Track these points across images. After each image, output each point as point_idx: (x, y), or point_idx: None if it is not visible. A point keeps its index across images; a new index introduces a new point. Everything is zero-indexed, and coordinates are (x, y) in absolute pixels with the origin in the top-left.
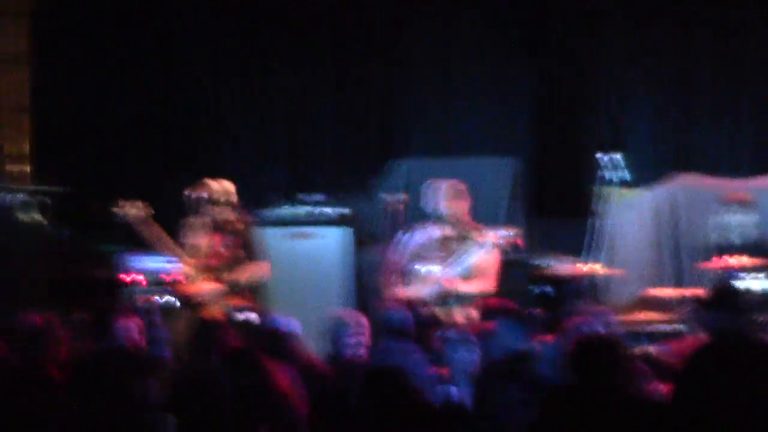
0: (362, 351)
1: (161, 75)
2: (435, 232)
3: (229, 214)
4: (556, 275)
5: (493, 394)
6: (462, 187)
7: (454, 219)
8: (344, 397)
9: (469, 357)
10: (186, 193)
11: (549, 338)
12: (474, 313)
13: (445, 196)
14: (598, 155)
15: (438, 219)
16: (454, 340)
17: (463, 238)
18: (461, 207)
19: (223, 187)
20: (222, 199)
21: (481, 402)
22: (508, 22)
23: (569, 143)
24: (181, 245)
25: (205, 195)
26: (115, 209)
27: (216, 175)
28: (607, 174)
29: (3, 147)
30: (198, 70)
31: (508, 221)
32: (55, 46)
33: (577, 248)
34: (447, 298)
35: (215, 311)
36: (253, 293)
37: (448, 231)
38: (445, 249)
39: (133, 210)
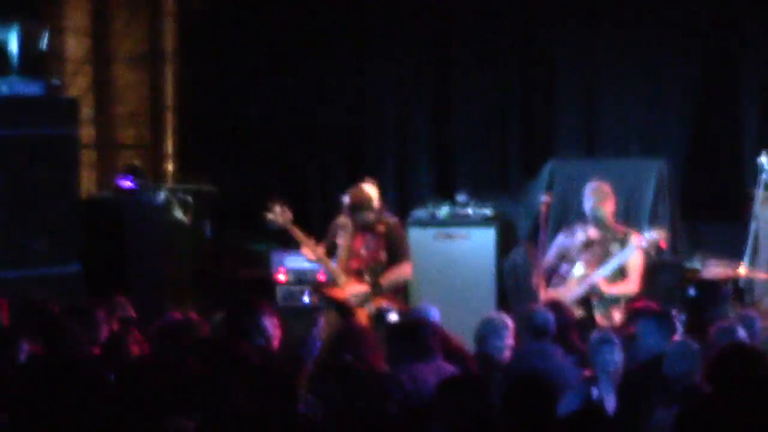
0: (508, 353)
1: (308, 74)
2: (579, 234)
3: (372, 217)
4: (703, 278)
5: (635, 397)
6: (607, 188)
7: (599, 220)
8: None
9: (611, 358)
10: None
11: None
12: (618, 315)
13: (590, 197)
14: (761, 158)
15: (585, 220)
16: (597, 341)
17: (608, 240)
18: (606, 208)
19: (365, 192)
20: (365, 203)
21: (623, 405)
22: (661, 20)
23: (724, 144)
24: (328, 246)
25: (347, 200)
26: (265, 214)
27: (362, 176)
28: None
29: (148, 146)
30: (345, 70)
31: (654, 223)
32: (201, 44)
33: (728, 251)
34: (591, 299)
35: (358, 312)
36: (396, 294)
37: (593, 233)
38: (590, 251)
39: (279, 217)
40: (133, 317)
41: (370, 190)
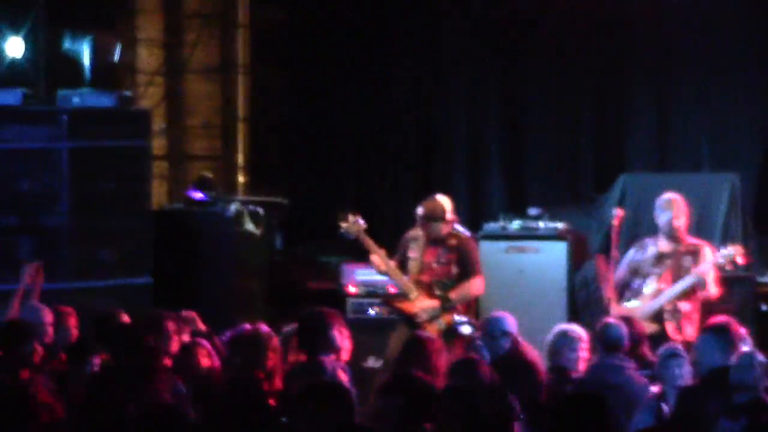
0: (582, 365)
1: (380, 87)
2: (651, 248)
3: (444, 229)
4: None
5: (693, 411)
6: (680, 201)
7: (671, 234)
8: None
9: (679, 373)
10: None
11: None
12: (690, 329)
13: (663, 210)
14: None
15: (656, 234)
16: (665, 356)
17: (680, 254)
18: (679, 221)
19: (439, 203)
20: (438, 214)
21: (682, 420)
22: (733, 34)
23: None
24: (399, 259)
25: (421, 211)
26: (338, 224)
27: (432, 190)
28: None
29: (220, 158)
30: (417, 83)
31: (726, 237)
32: (273, 56)
33: None
34: (663, 313)
35: (429, 327)
36: (467, 309)
37: (665, 246)
38: (661, 265)
39: (353, 227)
40: (204, 330)
41: (444, 201)
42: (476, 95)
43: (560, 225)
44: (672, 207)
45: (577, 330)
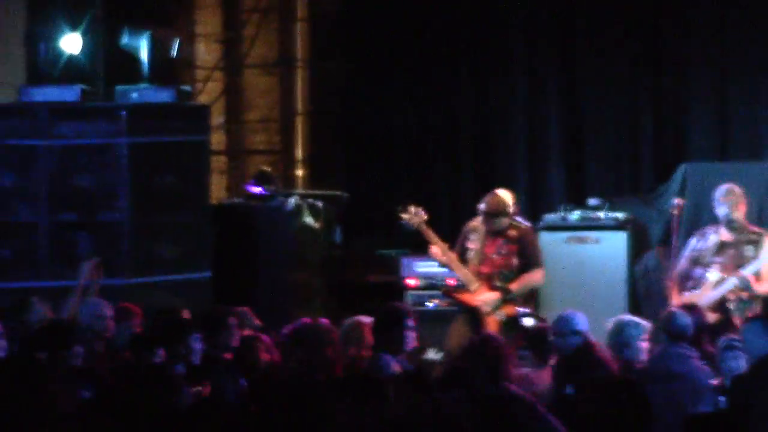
0: (644, 355)
1: (440, 80)
2: (712, 237)
3: (506, 223)
4: None
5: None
6: (738, 190)
7: (731, 223)
8: None
9: (737, 365)
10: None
11: None
12: None
13: (721, 201)
14: None
15: (717, 223)
16: (722, 348)
17: (741, 243)
18: (739, 211)
19: (501, 198)
20: (501, 210)
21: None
22: None
23: None
24: (459, 251)
25: (483, 207)
26: (400, 215)
27: (493, 183)
28: None
29: (279, 152)
30: (477, 75)
31: None
32: (332, 49)
33: None
34: (728, 303)
35: (489, 319)
36: (527, 300)
37: (726, 236)
38: (723, 254)
39: (414, 218)
40: (261, 325)
41: (506, 196)
42: (535, 87)
43: (620, 215)
44: (730, 199)
45: (639, 320)
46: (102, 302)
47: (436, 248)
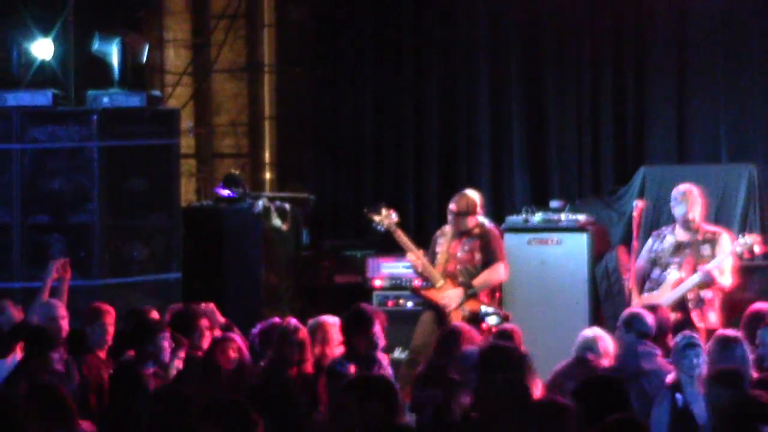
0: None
1: (404, 84)
2: (669, 237)
3: (471, 223)
4: None
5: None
6: (696, 190)
7: (688, 224)
8: None
9: (697, 362)
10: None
11: None
12: (714, 316)
13: (679, 201)
14: None
15: (674, 224)
16: (682, 345)
17: (698, 243)
18: (696, 211)
19: (470, 198)
20: (470, 209)
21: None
22: (748, 26)
23: None
24: (429, 256)
25: (453, 207)
26: (371, 216)
27: (457, 184)
28: None
29: (247, 156)
30: (441, 80)
31: (745, 227)
32: (298, 55)
33: None
34: (686, 302)
35: (453, 314)
36: (491, 298)
37: (682, 236)
38: (680, 254)
39: (385, 220)
40: (225, 323)
41: (475, 196)
42: (498, 92)
43: (581, 217)
44: (687, 199)
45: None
46: (55, 303)
47: (412, 255)
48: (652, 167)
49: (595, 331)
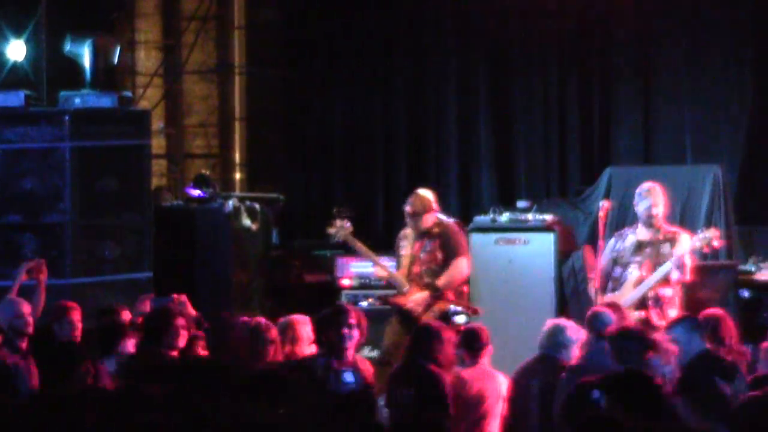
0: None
1: (373, 85)
2: (630, 236)
3: (429, 222)
4: (757, 281)
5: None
6: (660, 189)
7: (650, 221)
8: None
9: (658, 361)
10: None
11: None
12: (673, 313)
13: (644, 198)
14: None
15: (635, 222)
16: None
17: (658, 242)
18: (659, 209)
19: (422, 197)
20: (424, 208)
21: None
22: (714, 27)
23: None
24: (396, 256)
25: (408, 208)
26: (327, 229)
27: (426, 184)
28: None
29: (217, 156)
30: (408, 81)
31: (710, 227)
32: (268, 56)
33: None
34: (646, 301)
35: (423, 317)
36: (459, 296)
37: (643, 235)
38: (641, 253)
39: (340, 231)
40: (196, 316)
41: (427, 194)
42: (465, 93)
43: (548, 217)
44: (651, 195)
45: (571, 323)
46: (19, 301)
47: (377, 268)
48: (618, 168)
49: (559, 322)
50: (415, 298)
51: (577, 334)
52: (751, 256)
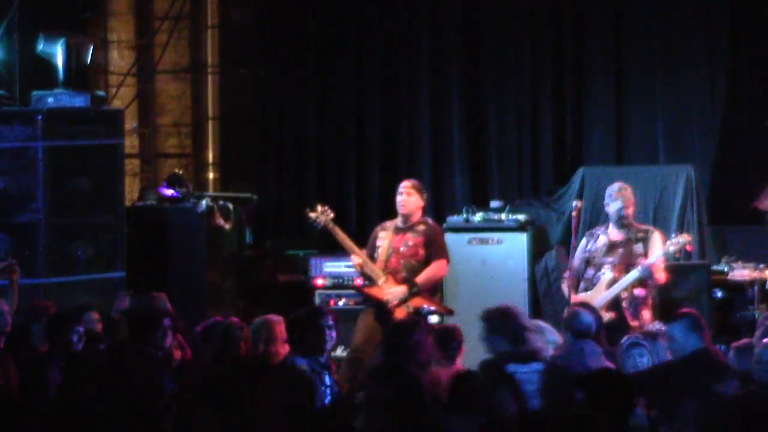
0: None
1: (346, 84)
2: (602, 237)
3: (416, 217)
4: (730, 281)
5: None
6: (628, 191)
7: (622, 219)
8: None
9: (642, 362)
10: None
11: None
12: (648, 314)
13: (615, 198)
14: None
15: (606, 222)
16: (627, 345)
17: (630, 241)
18: (628, 210)
19: (419, 189)
20: (418, 185)
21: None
22: (687, 28)
23: (750, 149)
24: (369, 251)
25: (403, 196)
26: (308, 214)
27: (397, 183)
28: None
29: (190, 156)
30: (383, 81)
31: (683, 227)
32: (241, 56)
33: (754, 254)
34: (620, 301)
35: (398, 311)
36: (434, 294)
37: (615, 235)
38: (613, 254)
39: (321, 216)
40: (177, 313)
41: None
42: (439, 93)
43: (521, 217)
44: (621, 196)
45: (532, 320)
46: None
47: (355, 257)
48: (590, 168)
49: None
50: (392, 291)
51: (551, 335)
52: (724, 256)
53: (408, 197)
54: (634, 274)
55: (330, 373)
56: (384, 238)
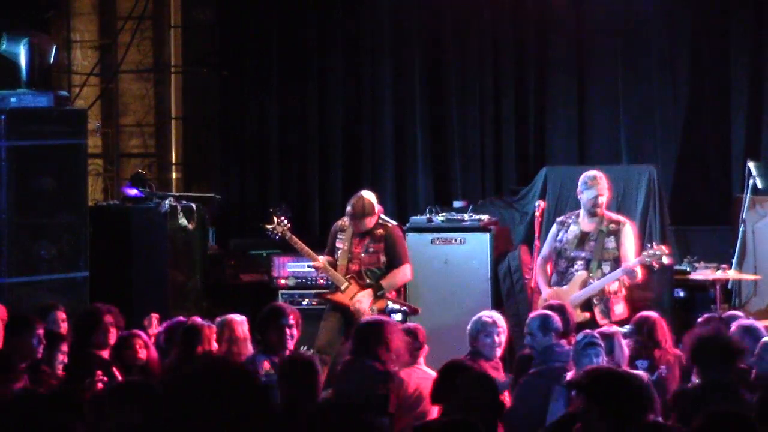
0: (499, 350)
1: (309, 85)
2: (573, 227)
3: (372, 222)
4: (692, 280)
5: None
6: (603, 179)
7: (595, 207)
8: None
9: (597, 362)
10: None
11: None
12: (620, 308)
13: (590, 186)
14: (749, 163)
15: (577, 211)
16: (583, 344)
17: (602, 234)
18: (603, 199)
19: (365, 199)
20: (366, 210)
21: None
22: (649, 30)
23: (712, 150)
24: (329, 250)
25: (349, 210)
26: (264, 226)
27: (361, 184)
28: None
29: (153, 156)
30: (345, 81)
31: (645, 226)
32: (205, 56)
33: (716, 254)
34: (592, 299)
35: (361, 314)
36: (397, 294)
37: (587, 225)
38: (585, 247)
39: (278, 228)
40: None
41: (370, 196)
42: (401, 93)
43: (484, 217)
44: (597, 184)
45: (494, 316)
46: None
47: (317, 263)
48: (553, 168)
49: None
50: (359, 298)
51: (497, 320)
52: (686, 256)
53: (352, 221)
54: (617, 274)
55: None
56: (344, 240)
